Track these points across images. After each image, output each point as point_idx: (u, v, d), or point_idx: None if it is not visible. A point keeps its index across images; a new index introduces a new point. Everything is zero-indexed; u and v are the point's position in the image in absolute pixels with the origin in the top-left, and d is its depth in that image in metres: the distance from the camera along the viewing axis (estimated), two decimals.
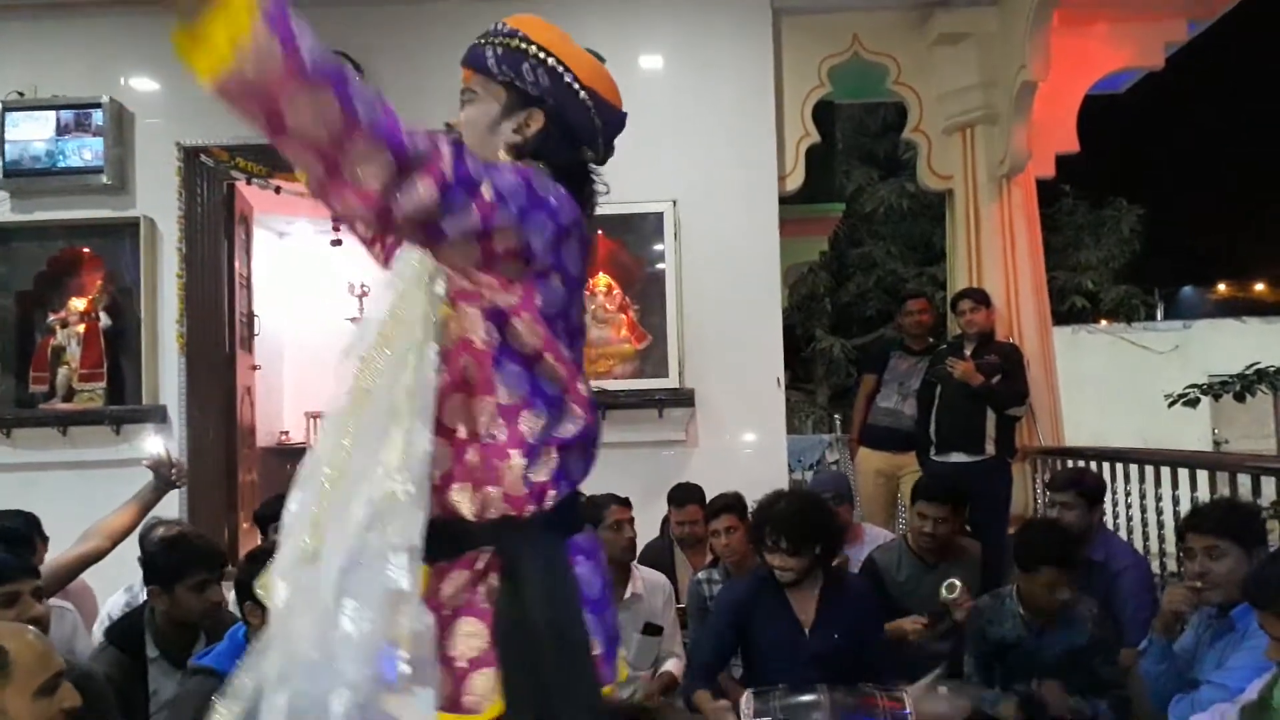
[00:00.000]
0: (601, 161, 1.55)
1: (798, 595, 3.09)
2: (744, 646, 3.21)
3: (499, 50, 1.47)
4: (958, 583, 3.35)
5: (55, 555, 3.05)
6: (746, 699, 2.70)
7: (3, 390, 4.92)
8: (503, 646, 1.33)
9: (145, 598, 2.78)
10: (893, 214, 13.50)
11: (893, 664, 3.12)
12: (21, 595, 2.19)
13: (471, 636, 1.33)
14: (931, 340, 5.52)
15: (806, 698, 2.67)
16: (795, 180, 5.34)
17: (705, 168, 5.05)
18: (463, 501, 1.35)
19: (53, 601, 2.82)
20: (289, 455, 8.27)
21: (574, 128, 1.49)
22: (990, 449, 4.81)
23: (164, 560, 2.70)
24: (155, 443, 3.57)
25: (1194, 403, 7.62)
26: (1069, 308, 13.76)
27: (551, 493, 1.36)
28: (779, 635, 3.06)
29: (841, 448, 8.04)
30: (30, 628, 1.67)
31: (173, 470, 3.14)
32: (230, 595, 2.81)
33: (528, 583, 1.34)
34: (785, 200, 5.34)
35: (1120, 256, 14.56)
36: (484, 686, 1.32)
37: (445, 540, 1.33)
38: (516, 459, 1.34)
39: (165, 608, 2.67)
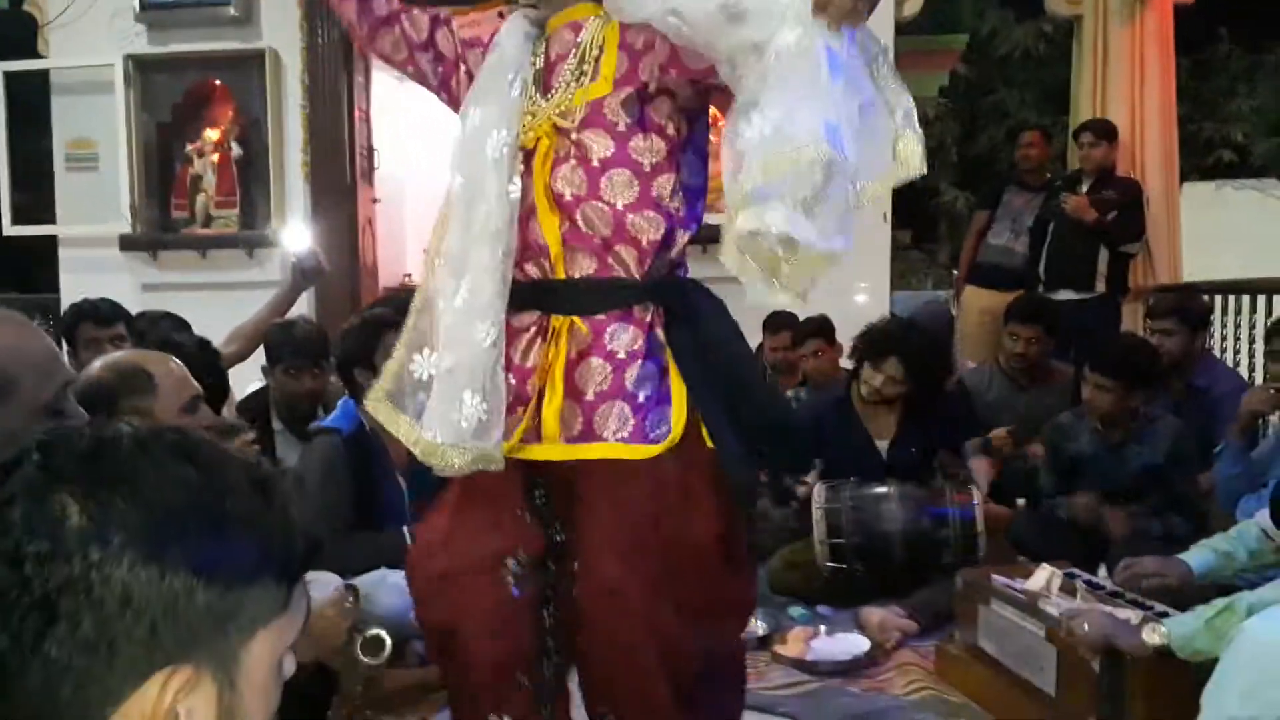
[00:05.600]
0: None
1: (875, 415, 3.17)
2: (822, 461, 3.30)
3: None
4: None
5: None
6: (818, 490, 2.83)
7: (149, 215, 5.29)
8: (692, 376, 1.56)
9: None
10: (1029, 60, 12.74)
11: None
12: None
13: (647, 379, 1.55)
14: (1049, 176, 5.34)
15: (877, 490, 2.79)
16: (913, 6, 5.10)
17: None
18: (630, 262, 1.58)
19: None
20: (410, 296, 8.65)
21: None
22: (1100, 286, 4.70)
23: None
24: (299, 235, 3.77)
25: None
26: (1215, 161, 12.86)
27: (680, 270, 1.65)
28: (853, 450, 3.15)
29: (956, 302, 7.90)
30: (171, 356, 1.92)
31: (316, 257, 3.36)
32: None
33: (705, 322, 1.61)
34: (902, 29, 5.15)
35: (1278, 107, 13.43)
36: (663, 420, 1.54)
37: (605, 296, 1.58)
38: (685, 233, 1.61)
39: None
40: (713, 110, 5.64)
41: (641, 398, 1.54)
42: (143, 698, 0.60)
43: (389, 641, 1.67)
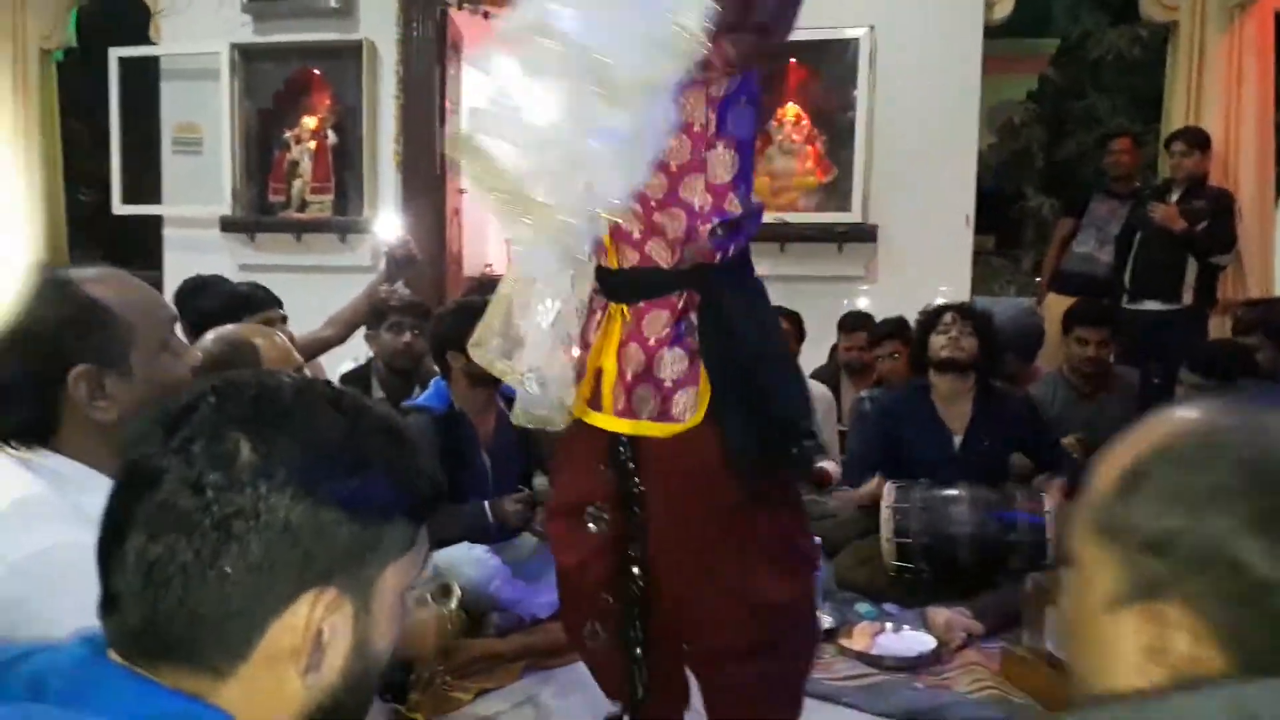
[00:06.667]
0: None
1: (949, 405, 3.18)
2: (894, 457, 3.32)
3: None
4: None
5: (298, 336, 3.54)
6: (888, 489, 2.86)
7: (248, 198, 5.52)
8: (713, 364, 1.65)
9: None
10: (1121, 65, 12.42)
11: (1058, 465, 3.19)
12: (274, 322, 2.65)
13: (675, 362, 1.67)
14: (1137, 184, 5.25)
15: (948, 492, 2.81)
16: (1004, 9, 5.05)
17: None
18: (663, 253, 1.67)
19: None
20: (490, 287, 8.84)
21: None
22: (1188, 298, 4.61)
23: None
24: (391, 225, 3.93)
25: None
26: None
27: (725, 253, 1.69)
28: (928, 442, 3.16)
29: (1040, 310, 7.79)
30: (274, 330, 2.04)
31: (408, 247, 3.52)
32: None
33: (732, 310, 1.67)
34: (992, 32, 5.11)
35: None
36: (686, 401, 1.66)
37: (643, 286, 1.68)
38: (705, 226, 1.65)
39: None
40: (795, 108, 5.60)
41: (668, 381, 1.68)
42: (295, 613, 0.70)
43: (457, 589, 1.79)
